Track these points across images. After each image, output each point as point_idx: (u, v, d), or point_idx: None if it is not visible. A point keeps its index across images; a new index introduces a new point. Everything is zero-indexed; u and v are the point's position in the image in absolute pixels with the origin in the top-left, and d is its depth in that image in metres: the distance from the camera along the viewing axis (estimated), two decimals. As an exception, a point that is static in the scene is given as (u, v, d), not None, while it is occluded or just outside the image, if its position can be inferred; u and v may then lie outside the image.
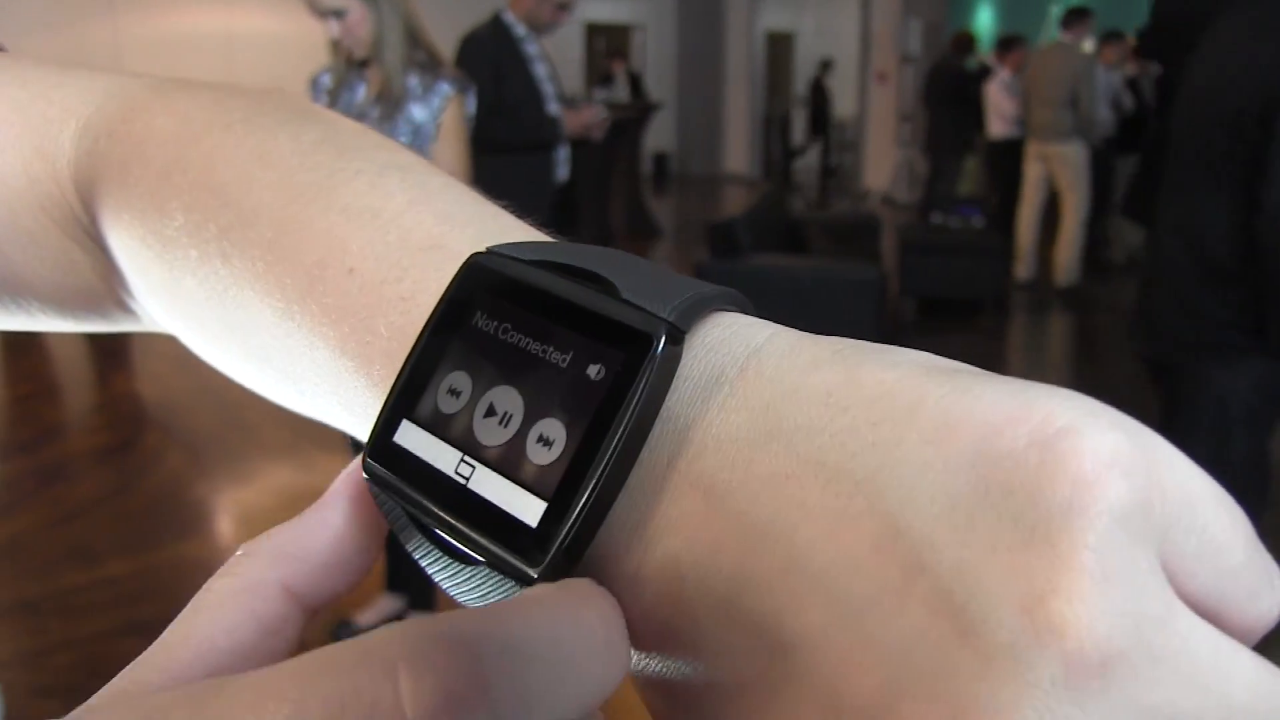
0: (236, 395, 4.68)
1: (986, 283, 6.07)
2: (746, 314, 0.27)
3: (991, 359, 4.88)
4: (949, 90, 8.53)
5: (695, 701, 0.23)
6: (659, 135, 13.38)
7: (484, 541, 0.24)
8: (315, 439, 4.12)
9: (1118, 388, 2.60)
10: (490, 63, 3.28)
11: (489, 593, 0.25)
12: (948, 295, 6.52)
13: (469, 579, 0.25)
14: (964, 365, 0.23)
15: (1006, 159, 7.43)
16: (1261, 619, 0.21)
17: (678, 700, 0.24)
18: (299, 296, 0.32)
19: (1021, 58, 7.41)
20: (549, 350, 0.25)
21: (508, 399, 0.25)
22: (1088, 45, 6.58)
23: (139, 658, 0.23)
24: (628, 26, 15.00)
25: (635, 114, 9.21)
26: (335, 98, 2.46)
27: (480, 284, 0.27)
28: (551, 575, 0.23)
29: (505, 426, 0.25)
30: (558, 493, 0.23)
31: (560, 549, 0.23)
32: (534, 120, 3.38)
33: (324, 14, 2.38)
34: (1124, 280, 6.85)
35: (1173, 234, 2.18)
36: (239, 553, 0.25)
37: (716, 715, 0.23)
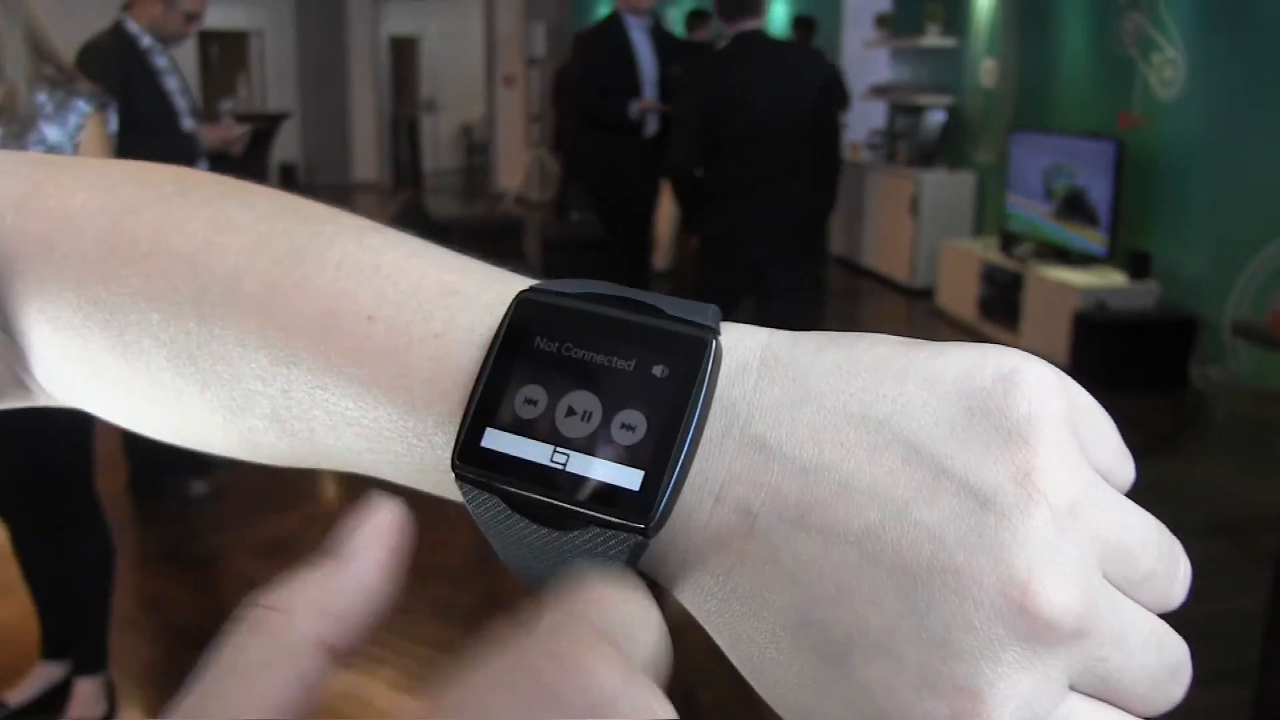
0: None
1: (626, 275, 6.26)
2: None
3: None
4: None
5: (781, 602, 0.29)
6: (284, 145, 12.89)
7: (593, 510, 0.30)
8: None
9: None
10: (117, 76, 3.04)
11: (592, 551, 0.30)
12: (594, 291, 6.66)
13: (574, 543, 0.31)
14: (919, 340, 0.31)
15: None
16: (1129, 481, 0.31)
17: (766, 604, 0.30)
18: (308, 345, 0.35)
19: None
20: (613, 360, 0.31)
21: (585, 400, 0.31)
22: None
23: None
24: (244, 33, 14.40)
25: (264, 124, 8.86)
26: (-55, 118, 2.20)
27: (535, 314, 0.32)
28: (656, 528, 0.29)
29: (587, 422, 0.30)
30: (653, 462, 0.29)
31: (663, 505, 0.29)
32: (169, 138, 3.17)
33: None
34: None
35: (785, 190, 4.03)
36: (263, 606, 0.25)
37: (805, 604, 0.29)
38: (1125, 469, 0.32)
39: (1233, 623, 2.72)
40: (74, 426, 2.46)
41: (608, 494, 0.29)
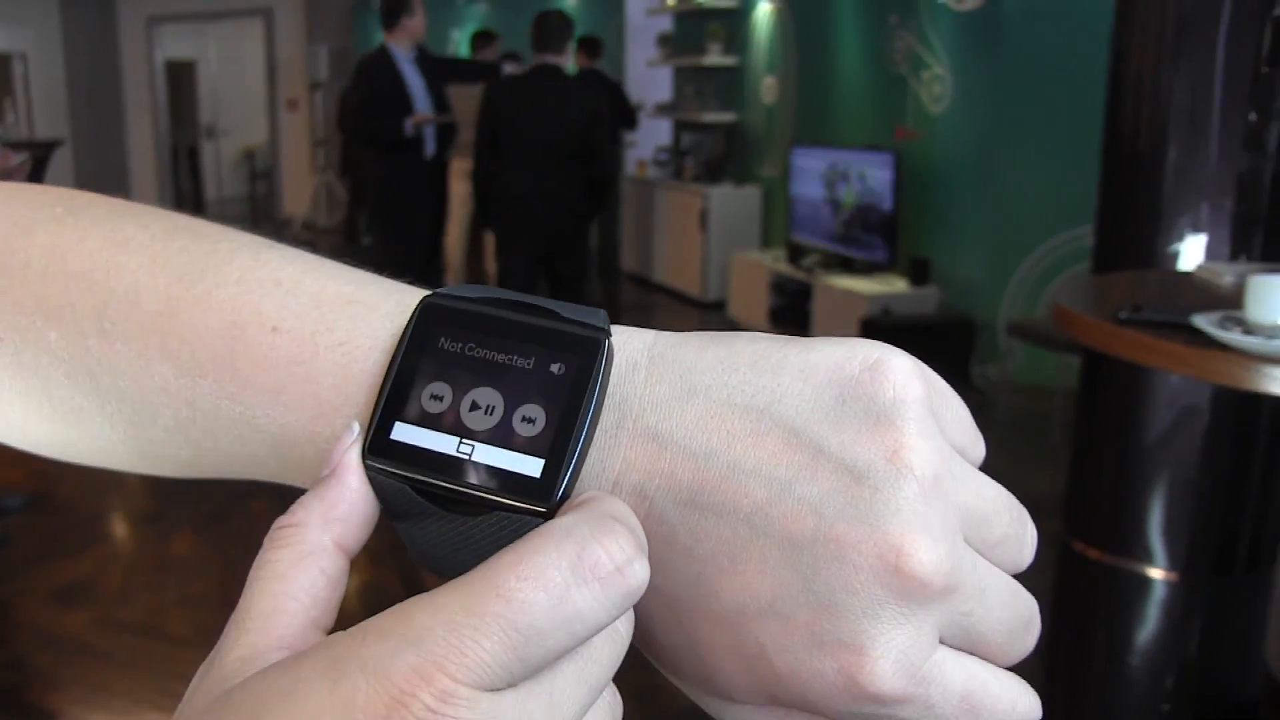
0: None
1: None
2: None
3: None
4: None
5: (679, 576, 0.33)
6: (57, 174, 12.24)
7: (498, 496, 0.32)
8: None
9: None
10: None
11: (499, 534, 0.32)
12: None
13: (481, 528, 0.32)
14: (791, 337, 0.35)
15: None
16: (981, 456, 0.35)
17: (665, 578, 0.33)
18: (212, 357, 0.36)
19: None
20: (514, 359, 0.33)
21: (488, 396, 0.33)
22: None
23: (227, 641, 0.28)
24: (5, 55, 13.61)
25: (36, 152, 8.41)
26: None
27: (438, 318, 0.34)
28: (556, 511, 0.31)
29: (490, 415, 0.32)
30: (551, 451, 0.32)
31: (562, 489, 0.31)
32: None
33: None
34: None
35: (553, 199, 5.13)
36: (278, 527, 0.31)
37: (702, 577, 0.32)
38: (978, 446, 0.35)
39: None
40: None
41: (511, 481, 0.31)
